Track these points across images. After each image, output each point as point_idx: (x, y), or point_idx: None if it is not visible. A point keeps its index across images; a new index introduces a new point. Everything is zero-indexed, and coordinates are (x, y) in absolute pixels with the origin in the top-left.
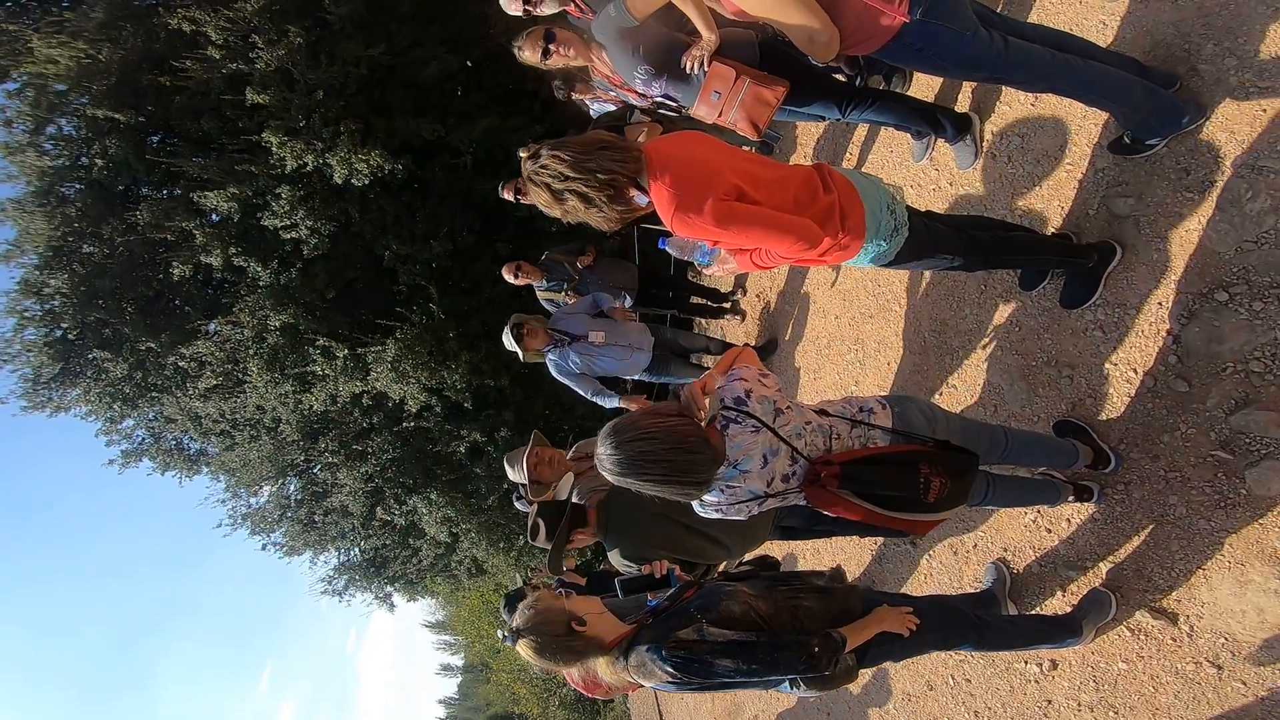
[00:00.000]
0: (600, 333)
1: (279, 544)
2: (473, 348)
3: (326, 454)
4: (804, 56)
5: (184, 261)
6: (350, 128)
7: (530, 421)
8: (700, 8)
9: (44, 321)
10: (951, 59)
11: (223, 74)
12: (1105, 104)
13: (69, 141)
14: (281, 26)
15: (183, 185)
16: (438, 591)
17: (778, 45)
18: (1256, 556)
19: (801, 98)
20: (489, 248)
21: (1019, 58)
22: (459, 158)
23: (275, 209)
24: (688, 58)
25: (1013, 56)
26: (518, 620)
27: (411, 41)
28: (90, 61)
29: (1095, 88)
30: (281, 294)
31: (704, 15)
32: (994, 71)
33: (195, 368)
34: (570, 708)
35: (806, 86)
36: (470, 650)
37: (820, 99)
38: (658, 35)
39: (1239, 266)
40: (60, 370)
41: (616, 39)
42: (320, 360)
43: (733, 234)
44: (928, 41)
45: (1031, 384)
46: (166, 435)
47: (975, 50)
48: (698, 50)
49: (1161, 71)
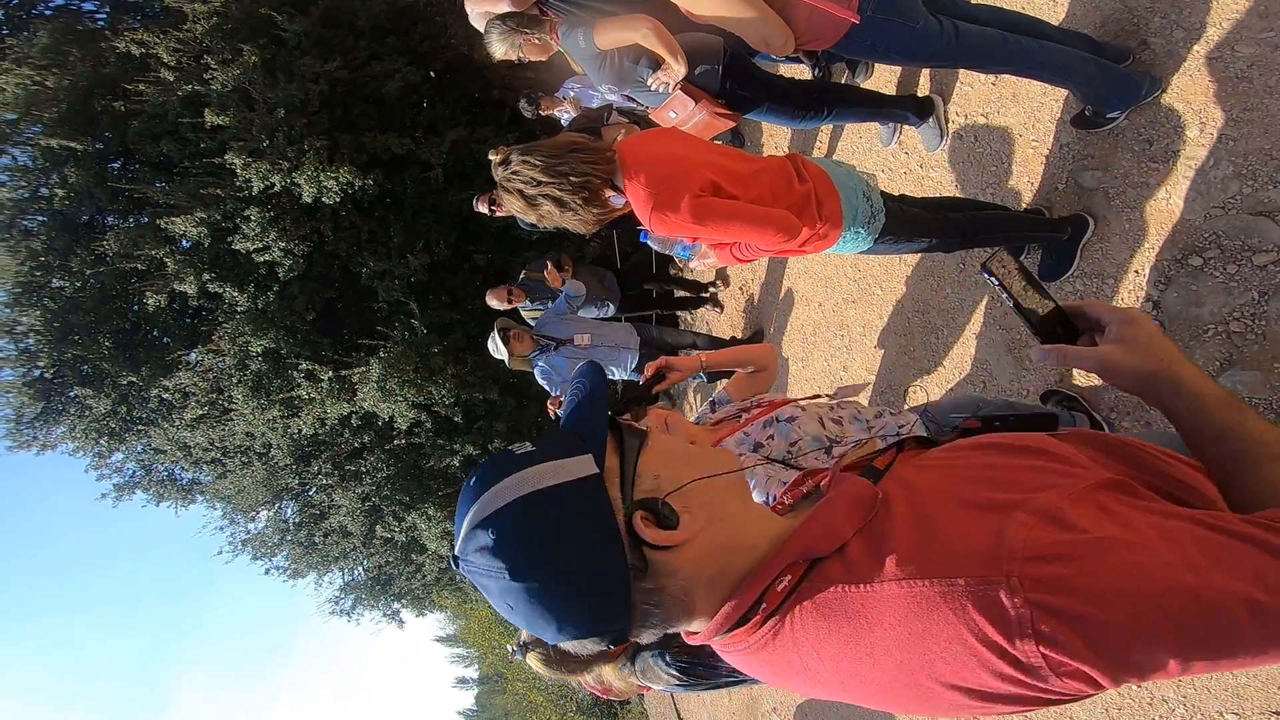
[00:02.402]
0: (586, 335)
1: (282, 568)
2: (458, 361)
3: (320, 476)
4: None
5: (157, 291)
6: (315, 145)
7: (523, 431)
8: (669, 45)
9: (20, 361)
10: (904, 51)
11: (178, 96)
12: (1062, 81)
13: (25, 172)
14: (235, 45)
15: (149, 212)
16: (445, 605)
17: (742, 54)
18: None
19: (761, 111)
20: (467, 260)
21: (971, 43)
22: (429, 171)
23: (246, 232)
24: (654, 80)
25: (964, 43)
26: (524, 633)
27: (370, 55)
28: (38, 89)
29: (1050, 67)
30: (260, 318)
31: (673, 51)
32: (948, 59)
33: (179, 399)
34: (588, 712)
35: (768, 100)
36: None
37: (779, 112)
38: (623, 58)
39: (1209, 232)
40: (42, 409)
41: (587, 60)
42: (305, 384)
43: (711, 229)
44: (879, 36)
45: (1018, 358)
46: (157, 466)
47: (927, 41)
48: (665, 75)
49: (1114, 46)
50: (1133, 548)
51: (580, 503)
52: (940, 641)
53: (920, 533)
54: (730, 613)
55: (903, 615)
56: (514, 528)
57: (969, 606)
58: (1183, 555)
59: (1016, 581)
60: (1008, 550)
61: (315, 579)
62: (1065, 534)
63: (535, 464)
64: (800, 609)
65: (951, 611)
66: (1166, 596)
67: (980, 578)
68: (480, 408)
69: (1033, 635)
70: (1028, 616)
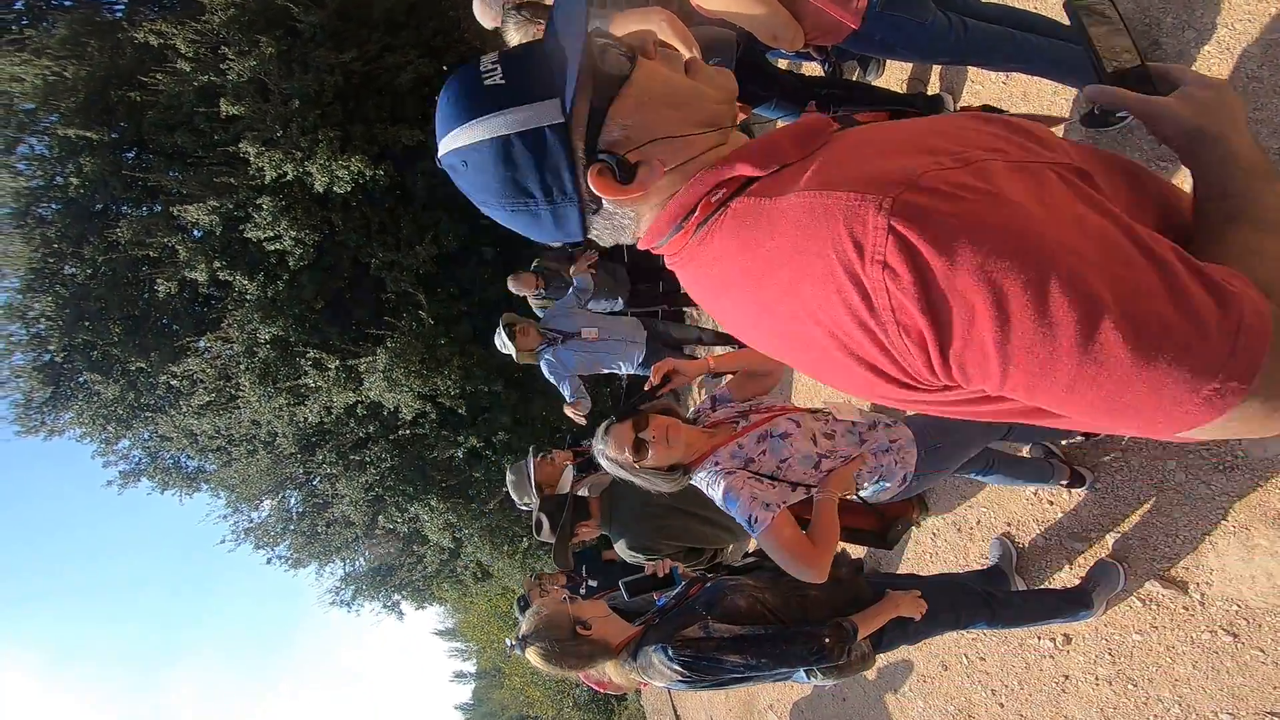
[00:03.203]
0: (594, 329)
1: (284, 557)
2: (464, 353)
3: (325, 465)
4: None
5: (168, 278)
6: (328, 135)
7: (526, 424)
8: (684, 38)
9: (31, 346)
10: (913, 47)
11: (194, 86)
12: (1072, 80)
13: (42, 161)
14: (251, 37)
15: (162, 201)
16: (445, 598)
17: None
18: (1260, 520)
19: (771, 106)
20: (475, 252)
21: (980, 40)
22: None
23: (257, 220)
24: None
25: (973, 39)
26: (523, 627)
27: (383, 47)
28: (57, 79)
29: (1060, 65)
30: (269, 307)
31: (688, 43)
32: (956, 55)
33: (187, 385)
34: (584, 708)
35: (778, 95)
36: (482, 656)
37: (789, 108)
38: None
39: None
40: (51, 394)
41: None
42: (312, 372)
43: None
44: (888, 32)
45: None
46: (163, 454)
47: (936, 37)
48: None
49: None
50: (1032, 217)
51: (540, 155)
52: (811, 256)
53: (848, 158)
54: (665, 220)
55: (792, 225)
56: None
57: (839, 220)
58: (1079, 243)
59: (890, 203)
60: (904, 177)
61: (317, 569)
62: (974, 181)
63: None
64: (725, 220)
65: (827, 224)
66: (1028, 254)
67: (860, 194)
68: (485, 400)
69: (882, 261)
70: (883, 240)
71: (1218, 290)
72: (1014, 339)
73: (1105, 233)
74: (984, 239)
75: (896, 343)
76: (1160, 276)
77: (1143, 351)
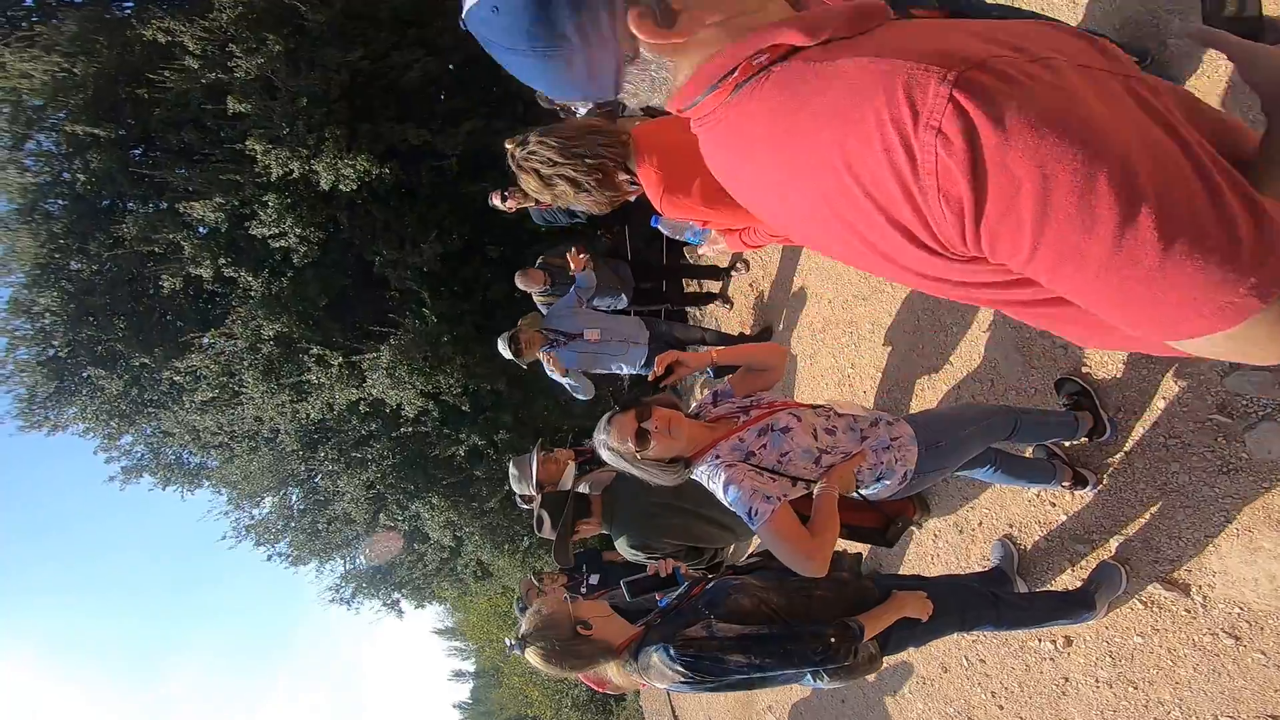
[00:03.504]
0: (595, 330)
1: (284, 554)
2: (467, 351)
3: (326, 462)
4: None
5: (173, 274)
6: (334, 133)
7: (528, 422)
8: None
9: (36, 340)
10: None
11: (201, 84)
12: None
13: (50, 157)
14: (259, 35)
15: (168, 197)
16: (445, 597)
17: None
18: (1263, 522)
19: None
20: (479, 251)
21: None
22: (444, 161)
23: (263, 218)
24: None
25: None
26: (523, 627)
27: (390, 46)
28: (65, 76)
29: None
30: (274, 304)
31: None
32: None
33: (190, 381)
34: (583, 708)
35: None
36: (481, 655)
37: None
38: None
39: None
40: (55, 389)
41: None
42: (315, 369)
43: (721, 213)
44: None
45: (1027, 355)
46: (165, 450)
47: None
48: None
49: (1133, 48)
50: (1094, 113)
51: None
52: (861, 112)
53: (910, 38)
54: (703, 77)
55: (845, 86)
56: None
57: (899, 84)
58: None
59: (955, 76)
60: (969, 55)
61: (317, 566)
62: (1040, 72)
63: None
64: (765, 83)
65: (884, 86)
66: (1083, 145)
67: (924, 65)
68: (487, 398)
69: (936, 127)
70: (942, 107)
71: (1259, 213)
72: (1052, 218)
73: (1161, 141)
74: (1042, 124)
75: (935, 208)
76: (1206, 189)
77: (1174, 251)
